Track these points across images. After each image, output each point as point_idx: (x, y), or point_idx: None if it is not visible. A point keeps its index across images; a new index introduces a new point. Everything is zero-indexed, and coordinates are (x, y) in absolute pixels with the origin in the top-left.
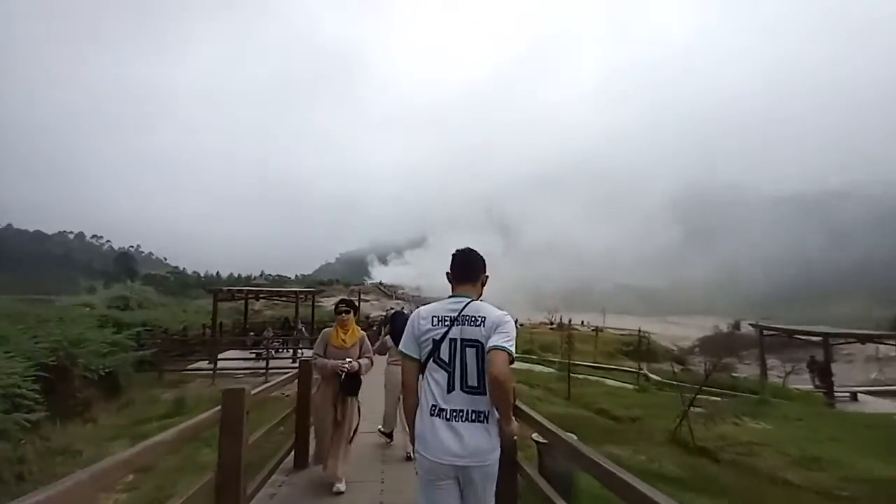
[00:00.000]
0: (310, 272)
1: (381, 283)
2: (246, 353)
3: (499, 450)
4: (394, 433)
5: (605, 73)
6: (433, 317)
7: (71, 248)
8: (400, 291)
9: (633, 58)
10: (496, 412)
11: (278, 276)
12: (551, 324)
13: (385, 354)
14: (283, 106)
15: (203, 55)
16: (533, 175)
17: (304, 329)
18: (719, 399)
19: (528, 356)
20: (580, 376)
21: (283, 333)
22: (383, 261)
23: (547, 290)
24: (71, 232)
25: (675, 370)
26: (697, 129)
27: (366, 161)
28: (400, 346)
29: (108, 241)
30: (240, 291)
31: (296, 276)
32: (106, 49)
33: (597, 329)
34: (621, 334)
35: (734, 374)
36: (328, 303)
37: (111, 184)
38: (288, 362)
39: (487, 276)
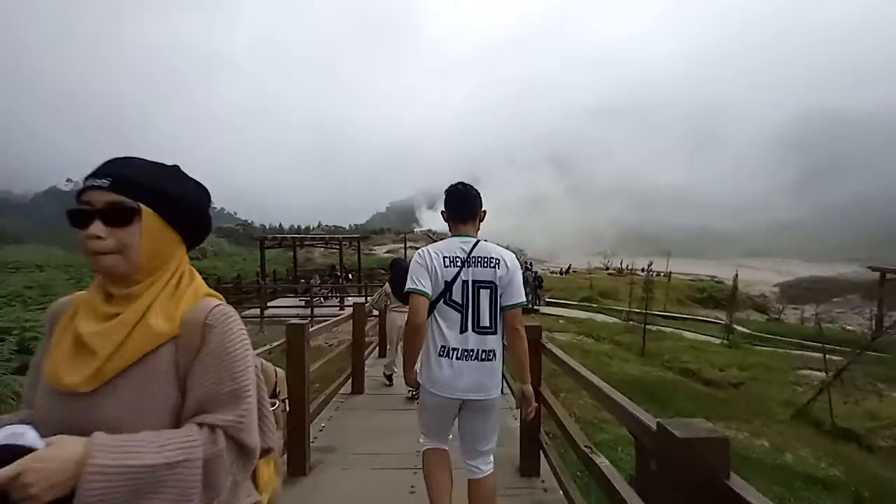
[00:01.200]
0: (363, 222)
1: (429, 231)
2: (295, 301)
3: (502, 382)
4: (393, 377)
5: None
6: (444, 257)
7: None
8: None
9: None
10: (501, 350)
11: (334, 226)
12: (607, 268)
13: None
14: (332, 62)
15: (257, 17)
16: (597, 107)
17: (345, 275)
18: (840, 358)
19: (587, 304)
20: (652, 328)
21: (331, 280)
22: (431, 206)
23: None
24: None
25: (769, 320)
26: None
27: (414, 111)
28: (409, 284)
29: None
30: (285, 238)
31: (349, 225)
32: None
33: (662, 273)
34: (691, 280)
35: (846, 326)
36: (380, 250)
37: (184, 144)
38: (335, 310)
39: (485, 212)
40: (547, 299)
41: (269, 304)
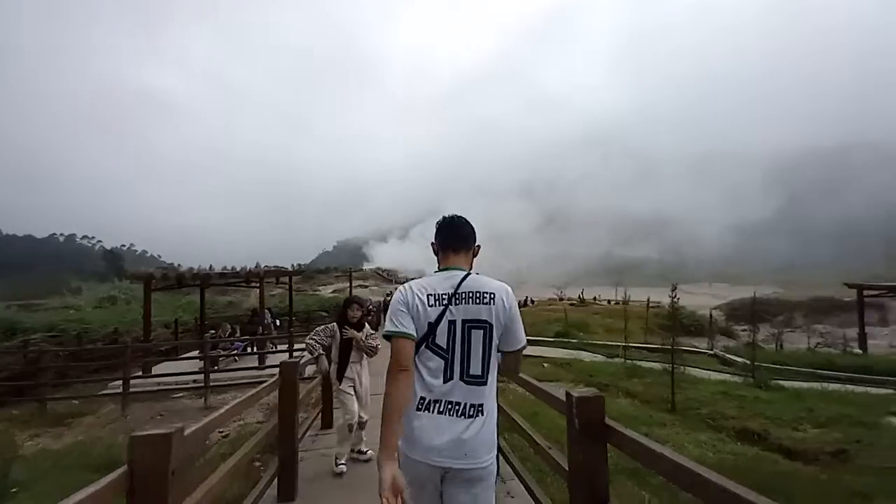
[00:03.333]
0: (307, 261)
1: (378, 269)
2: (195, 362)
3: (496, 450)
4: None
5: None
6: (428, 295)
7: (62, 251)
8: (400, 275)
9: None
10: (494, 406)
11: (275, 266)
12: (561, 299)
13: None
14: (282, 103)
15: (195, 54)
16: (556, 142)
17: (271, 322)
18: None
19: (563, 339)
20: (647, 365)
21: (248, 329)
22: (383, 240)
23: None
24: (62, 234)
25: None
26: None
27: (365, 152)
28: (388, 325)
29: (98, 241)
30: (182, 276)
31: (291, 265)
32: (95, 49)
33: (622, 301)
34: (649, 307)
35: (853, 349)
36: (326, 290)
37: (102, 185)
38: (252, 371)
39: (479, 246)
40: None
41: (154, 368)
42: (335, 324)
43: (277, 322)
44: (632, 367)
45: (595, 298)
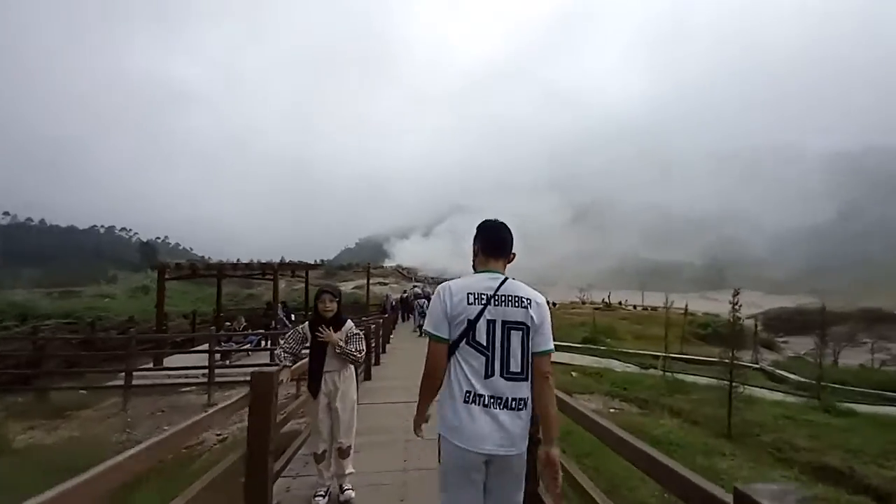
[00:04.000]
0: (331, 258)
1: (399, 266)
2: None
3: (527, 441)
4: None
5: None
6: (468, 294)
7: (101, 242)
8: (420, 273)
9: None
10: (531, 399)
11: (300, 261)
12: (583, 302)
13: None
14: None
15: (216, 47)
16: (580, 136)
17: (284, 315)
18: None
19: (592, 346)
20: (688, 378)
21: (262, 322)
22: (405, 237)
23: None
24: (102, 226)
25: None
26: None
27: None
28: (426, 326)
29: (135, 233)
30: (196, 266)
31: (314, 261)
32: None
33: (649, 307)
34: (682, 314)
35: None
36: (347, 286)
37: (140, 180)
38: (264, 366)
39: (515, 254)
40: None
41: (166, 360)
42: (307, 324)
43: (293, 317)
44: (673, 381)
45: (621, 303)
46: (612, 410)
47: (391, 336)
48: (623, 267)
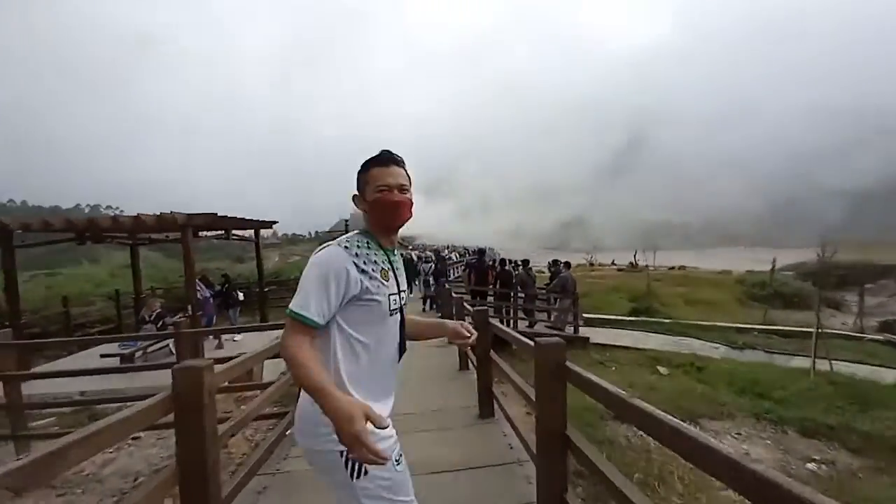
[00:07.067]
0: (326, 229)
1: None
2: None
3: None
4: None
5: None
6: None
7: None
8: (416, 241)
9: None
10: None
11: (294, 234)
12: (591, 264)
13: None
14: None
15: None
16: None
17: (209, 296)
18: None
19: (646, 319)
20: (796, 364)
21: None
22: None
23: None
24: (88, 205)
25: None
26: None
27: (378, 115)
28: None
29: (121, 210)
30: (47, 224)
31: (308, 233)
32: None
33: (677, 268)
34: (720, 273)
35: None
36: None
37: (127, 155)
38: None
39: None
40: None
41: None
42: None
43: (240, 295)
44: (848, 383)
45: (647, 265)
46: (810, 467)
47: None
48: (622, 229)
